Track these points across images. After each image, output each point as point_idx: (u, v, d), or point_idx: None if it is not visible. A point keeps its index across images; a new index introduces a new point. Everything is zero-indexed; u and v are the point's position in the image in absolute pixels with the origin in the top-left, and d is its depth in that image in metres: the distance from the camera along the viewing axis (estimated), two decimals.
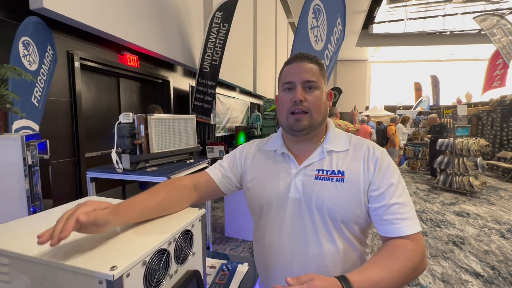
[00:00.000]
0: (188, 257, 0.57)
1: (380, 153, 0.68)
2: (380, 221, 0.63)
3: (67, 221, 0.43)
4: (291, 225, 0.68)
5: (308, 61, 0.69)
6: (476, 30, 11.79)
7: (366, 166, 0.66)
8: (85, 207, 0.47)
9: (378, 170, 0.65)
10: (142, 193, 0.62)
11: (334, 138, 0.72)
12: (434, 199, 4.50)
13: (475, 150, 4.64)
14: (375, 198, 0.64)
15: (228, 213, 2.93)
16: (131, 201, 0.58)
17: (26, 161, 1.19)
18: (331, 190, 0.65)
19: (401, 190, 0.63)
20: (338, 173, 0.66)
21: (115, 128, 1.56)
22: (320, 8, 2.32)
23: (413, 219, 0.61)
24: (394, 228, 0.60)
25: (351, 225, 0.66)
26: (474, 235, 3.07)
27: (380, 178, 0.64)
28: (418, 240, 0.59)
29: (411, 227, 0.60)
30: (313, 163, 0.69)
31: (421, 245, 0.59)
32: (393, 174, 0.65)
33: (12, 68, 1.20)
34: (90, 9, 2.23)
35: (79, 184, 2.40)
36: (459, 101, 9.95)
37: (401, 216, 0.60)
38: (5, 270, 0.44)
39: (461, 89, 12.75)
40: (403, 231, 0.60)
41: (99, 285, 0.38)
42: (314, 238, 0.66)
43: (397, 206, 0.61)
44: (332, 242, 0.66)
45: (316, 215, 0.66)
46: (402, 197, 0.62)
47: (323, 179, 0.67)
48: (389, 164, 0.66)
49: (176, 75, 3.96)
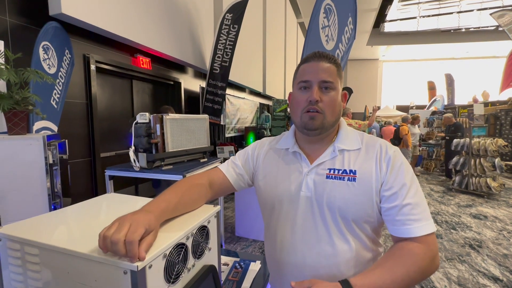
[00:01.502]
0: (205, 252, 0.58)
1: (393, 152, 0.67)
2: (392, 221, 0.62)
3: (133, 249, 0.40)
4: (303, 223, 0.69)
5: (327, 61, 0.69)
6: (494, 26, 11.39)
7: (378, 166, 0.65)
8: (138, 230, 0.43)
9: (391, 169, 0.64)
10: (169, 193, 0.61)
11: (346, 137, 0.72)
12: (449, 201, 4.37)
13: (492, 150, 4.48)
14: (387, 198, 0.63)
15: (238, 213, 2.94)
16: (164, 203, 0.56)
17: (47, 160, 1.24)
18: (342, 189, 0.65)
19: (414, 190, 0.62)
20: (350, 172, 0.66)
21: (132, 127, 1.60)
22: (331, 7, 2.31)
23: (426, 220, 0.60)
24: (406, 229, 0.60)
25: (363, 224, 0.66)
26: (492, 238, 2.96)
27: (392, 177, 0.64)
28: (429, 242, 0.58)
29: (423, 228, 0.59)
30: (324, 162, 0.69)
31: (431, 247, 0.58)
32: (406, 173, 0.64)
33: (35, 72, 1.26)
34: (104, 13, 2.30)
35: (95, 183, 2.48)
36: (475, 100, 9.63)
37: (414, 217, 0.60)
38: (35, 260, 0.46)
39: (477, 87, 12.35)
40: (415, 232, 0.59)
41: (124, 275, 0.40)
42: (327, 237, 0.66)
43: (409, 206, 0.60)
44: (345, 240, 0.66)
45: (327, 214, 0.66)
46: (415, 197, 0.62)
47: (334, 178, 0.66)
48: (402, 164, 0.65)
49: (187, 77, 4.02)
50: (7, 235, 0.49)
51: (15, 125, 1.23)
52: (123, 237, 0.40)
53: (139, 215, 0.47)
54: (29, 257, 0.47)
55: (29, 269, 0.47)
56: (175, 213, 0.59)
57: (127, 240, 0.40)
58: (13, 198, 1.16)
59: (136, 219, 0.45)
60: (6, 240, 0.49)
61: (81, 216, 0.61)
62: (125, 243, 0.40)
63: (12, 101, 1.19)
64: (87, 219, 0.59)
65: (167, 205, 0.56)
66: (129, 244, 0.40)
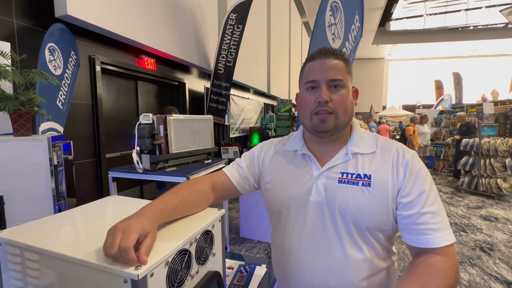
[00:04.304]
0: (209, 258, 0.56)
1: (411, 156, 0.63)
2: (409, 230, 0.59)
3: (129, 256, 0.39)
4: (313, 230, 0.65)
5: (333, 57, 0.64)
6: (503, 23, 11.15)
7: (395, 171, 0.61)
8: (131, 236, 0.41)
9: (409, 175, 0.60)
10: (168, 195, 0.60)
11: (359, 139, 0.68)
12: (458, 202, 4.28)
13: (503, 150, 4.37)
14: (404, 206, 0.59)
15: (243, 214, 2.92)
16: (160, 204, 0.55)
17: (52, 161, 1.24)
18: (356, 195, 0.61)
19: (433, 197, 0.59)
20: (364, 177, 0.62)
21: (136, 128, 1.60)
22: (338, 5, 2.27)
23: (446, 229, 0.56)
24: (426, 239, 0.56)
25: (377, 232, 0.62)
26: (504, 240, 2.88)
27: (411, 184, 0.60)
28: (450, 254, 0.55)
29: (444, 239, 0.55)
30: (336, 165, 0.65)
31: (453, 259, 0.54)
32: (425, 180, 0.60)
33: (40, 73, 1.26)
34: (109, 15, 2.31)
35: (100, 183, 2.49)
36: (484, 99, 9.43)
37: (434, 226, 0.56)
38: (35, 266, 0.45)
39: (486, 86, 12.11)
40: (435, 242, 0.55)
41: (124, 284, 0.38)
42: (338, 245, 0.63)
43: (429, 215, 0.57)
44: (358, 249, 0.62)
45: (339, 220, 0.62)
46: (434, 205, 0.58)
47: (347, 183, 0.63)
48: (420, 169, 0.61)
49: (191, 77, 4.02)
50: (7, 240, 0.48)
51: (21, 126, 1.23)
52: (117, 249, 0.39)
53: (131, 220, 0.45)
54: (29, 262, 0.46)
55: (29, 275, 0.46)
56: (174, 215, 0.57)
57: (120, 248, 0.39)
58: (18, 199, 1.16)
59: (127, 226, 0.43)
60: (6, 245, 0.48)
61: (82, 221, 0.59)
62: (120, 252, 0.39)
63: (18, 102, 1.19)
64: (88, 223, 0.57)
65: (164, 206, 0.55)
66: (123, 252, 0.39)
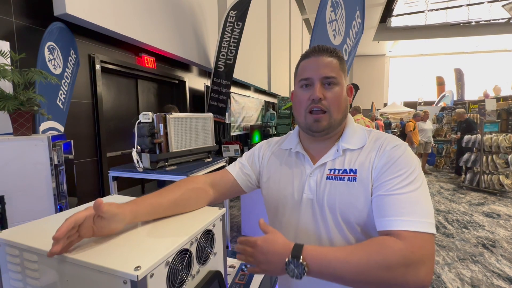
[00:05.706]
0: (210, 257, 0.56)
1: (396, 145, 0.60)
2: (375, 214, 0.56)
3: (66, 221, 0.43)
4: (306, 226, 0.66)
5: (327, 55, 0.64)
6: (505, 19, 11.05)
7: (376, 160, 0.60)
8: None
9: (387, 161, 0.58)
10: (156, 191, 0.62)
11: (351, 135, 0.67)
12: (460, 199, 4.27)
13: (505, 147, 4.35)
14: (374, 188, 0.58)
15: (244, 212, 2.92)
16: (141, 197, 0.58)
17: (53, 160, 1.24)
18: (342, 190, 0.61)
19: (407, 182, 0.54)
20: (350, 171, 0.61)
21: (135, 127, 1.59)
22: (339, 1, 2.25)
23: (418, 216, 0.51)
24: (386, 221, 0.52)
25: (367, 227, 0.60)
26: (507, 237, 2.87)
27: (385, 168, 0.57)
28: (413, 242, 0.48)
29: (408, 224, 0.50)
30: (327, 162, 0.66)
31: (413, 248, 0.47)
32: (402, 166, 0.56)
33: (39, 72, 1.25)
34: (109, 13, 2.30)
35: (101, 182, 2.49)
36: (486, 95, 9.37)
37: (401, 210, 0.52)
38: (34, 267, 0.45)
39: (488, 82, 12.03)
40: (395, 224, 0.51)
41: (123, 285, 0.37)
42: (327, 240, 0.63)
43: (395, 197, 0.53)
44: (348, 244, 0.61)
45: (328, 216, 0.62)
46: (404, 189, 0.54)
47: (334, 179, 0.63)
48: (400, 157, 0.58)
49: (191, 76, 4.01)
50: (6, 241, 0.47)
51: (21, 126, 1.23)
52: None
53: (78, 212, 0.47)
54: (28, 263, 0.45)
55: (29, 276, 0.46)
56: (161, 212, 0.58)
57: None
58: (19, 199, 1.16)
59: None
60: (5, 246, 0.48)
61: None
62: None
63: (17, 102, 1.19)
64: None
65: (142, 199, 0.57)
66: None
